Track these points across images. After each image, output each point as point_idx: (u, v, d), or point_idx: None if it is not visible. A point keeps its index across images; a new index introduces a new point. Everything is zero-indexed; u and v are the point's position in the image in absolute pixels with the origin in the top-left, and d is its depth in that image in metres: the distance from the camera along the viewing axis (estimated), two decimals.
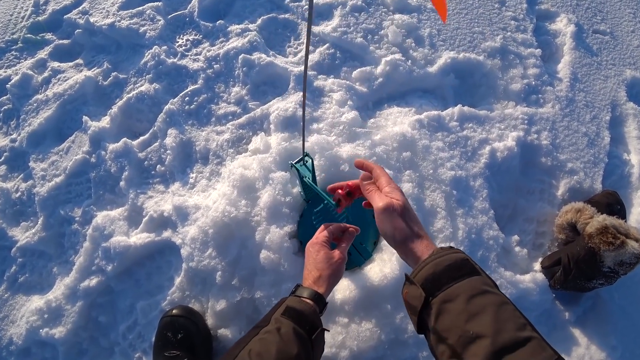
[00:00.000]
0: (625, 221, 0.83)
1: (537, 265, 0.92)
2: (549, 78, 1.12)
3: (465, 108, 1.01)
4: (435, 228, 0.83)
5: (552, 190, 1.00)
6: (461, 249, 0.82)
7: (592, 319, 0.90)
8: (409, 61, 1.07)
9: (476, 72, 1.09)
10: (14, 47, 1.30)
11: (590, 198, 0.97)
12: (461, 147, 0.96)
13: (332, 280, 0.64)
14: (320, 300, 0.61)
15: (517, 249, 0.90)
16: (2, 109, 1.18)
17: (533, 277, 0.87)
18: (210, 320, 0.82)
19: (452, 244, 0.82)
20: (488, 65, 1.09)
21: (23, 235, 0.99)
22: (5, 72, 1.23)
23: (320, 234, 0.69)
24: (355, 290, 0.77)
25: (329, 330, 0.64)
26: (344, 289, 0.78)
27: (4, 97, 1.19)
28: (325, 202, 0.68)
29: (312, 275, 0.64)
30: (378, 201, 0.56)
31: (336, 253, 0.67)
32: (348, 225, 0.72)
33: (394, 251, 0.80)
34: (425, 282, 0.47)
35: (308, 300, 0.60)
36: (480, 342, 0.40)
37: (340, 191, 0.65)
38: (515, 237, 0.91)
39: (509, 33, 1.16)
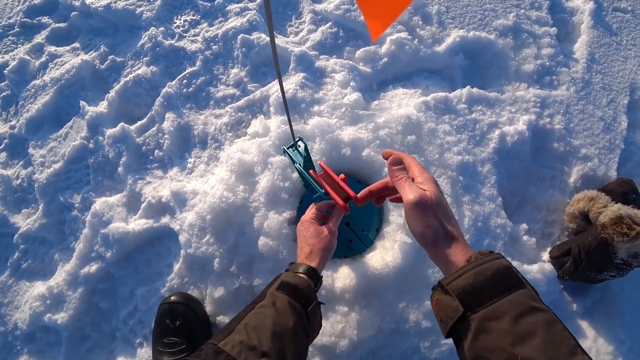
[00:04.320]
0: None
1: (545, 255, 0.89)
2: (564, 59, 1.06)
3: (475, 90, 0.96)
4: None
5: (564, 177, 0.96)
6: (466, 237, 0.80)
7: (601, 311, 0.88)
8: (416, 40, 1.01)
9: (487, 51, 1.03)
10: (11, 31, 1.27)
11: (604, 186, 0.92)
12: (469, 130, 0.92)
13: (324, 254, 0.65)
14: (314, 274, 0.61)
15: (525, 238, 0.87)
16: (1, 95, 1.17)
17: (541, 267, 0.84)
18: (208, 307, 0.81)
19: None
20: (499, 45, 1.03)
21: (24, 222, 0.99)
22: (2, 57, 1.22)
23: (309, 212, 0.70)
24: (355, 279, 0.75)
25: (324, 304, 0.64)
26: (344, 277, 0.76)
27: (2, 84, 1.18)
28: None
29: (304, 251, 0.65)
30: (409, 193, 0.49)
31: (325, 228, 0.67)
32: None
33: (397, 239, 0.78)
34: (464, 293, 0.42)
35: (302, 275, 0.60)
36: None
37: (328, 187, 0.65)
38: (524, 226, 0.88)
39: (522, 10, 1.10)
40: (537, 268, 0.84)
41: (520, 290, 0.42)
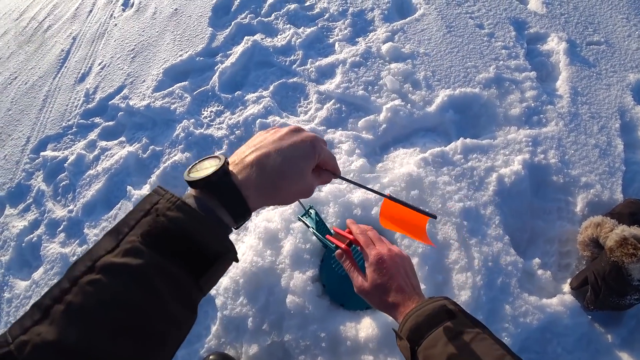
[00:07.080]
0: None
1: (566, 287, 0.89)
2: (548, 97, 1.13)
3: (468, 140, 1.05)
4: (450, 260, 0.86)
5: (570, 207, 0.98)
6: (478, 278, 0.84)
7: None
8: (409, 105, 1.14)
9: (474, 104, 1.14)
10: (70, 131, 1.54)
11: (612, 210, 0.93)
12: (467, 178, 0.99)
13: (293, 192, 0.40)
14: (236, 204, 0.35)
15: (539, 272, 0.89)
16: (61, 184, 1.38)
17: (561, 299, 0.85)
18: None
19: (468, 274, 0.84)
20: (485, 96, 1.14)
21: None
22: (63, 153, 1.46)
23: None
24: (377, 328, 0.80)
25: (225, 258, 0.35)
26: (367, 327, 0.81)
27: (62, 175, 1.40)
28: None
29: (246, 159, 0.37)
30: (354, 284, 0.62)
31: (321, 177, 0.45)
32: None
33: None
34: (409, 333, 0.51)
35: (200, 197, 0.34)
36: None
37: (343, 245, 0.72)
38: (537, 260, 0.90)
39: (501, 62, 1.22)
40: (557, 301, 0.84)
41: (452, 321, 0.50)
